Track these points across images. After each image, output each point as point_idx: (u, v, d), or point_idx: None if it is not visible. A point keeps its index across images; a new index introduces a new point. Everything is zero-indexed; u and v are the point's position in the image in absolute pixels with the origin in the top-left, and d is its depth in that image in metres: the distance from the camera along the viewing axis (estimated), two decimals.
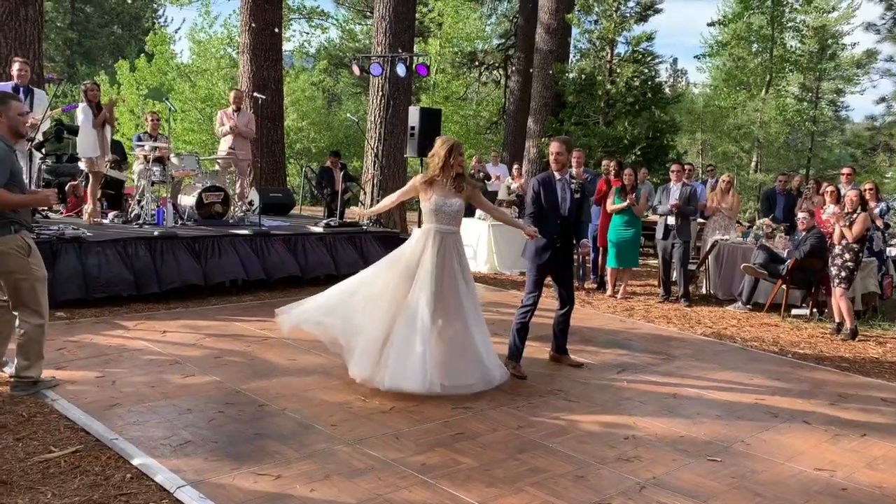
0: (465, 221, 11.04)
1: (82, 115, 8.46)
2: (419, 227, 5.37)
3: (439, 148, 5.07)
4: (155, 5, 39.03)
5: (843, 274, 7.52)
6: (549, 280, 5.76)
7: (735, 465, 4.01)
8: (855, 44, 24.07)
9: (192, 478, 3.45)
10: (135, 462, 3.60)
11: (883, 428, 4.78)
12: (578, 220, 5.71)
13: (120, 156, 11.03)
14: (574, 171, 9.22)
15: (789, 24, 22.04)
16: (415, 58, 11.64)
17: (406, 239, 9.63)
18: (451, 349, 4.94)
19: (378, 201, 11.44)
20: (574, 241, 5.77)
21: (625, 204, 8.88)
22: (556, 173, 5.65)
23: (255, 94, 11.25)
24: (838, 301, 7.58)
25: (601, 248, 9.81)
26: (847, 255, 7.50)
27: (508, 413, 4.65)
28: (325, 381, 5.06)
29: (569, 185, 5.64)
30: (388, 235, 9.79)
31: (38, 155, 8.05)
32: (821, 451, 4.32)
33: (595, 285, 9.83)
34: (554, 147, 5.69)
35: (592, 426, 4.50)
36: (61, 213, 9.48)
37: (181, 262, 7.54)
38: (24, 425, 4.01)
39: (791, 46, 22.71)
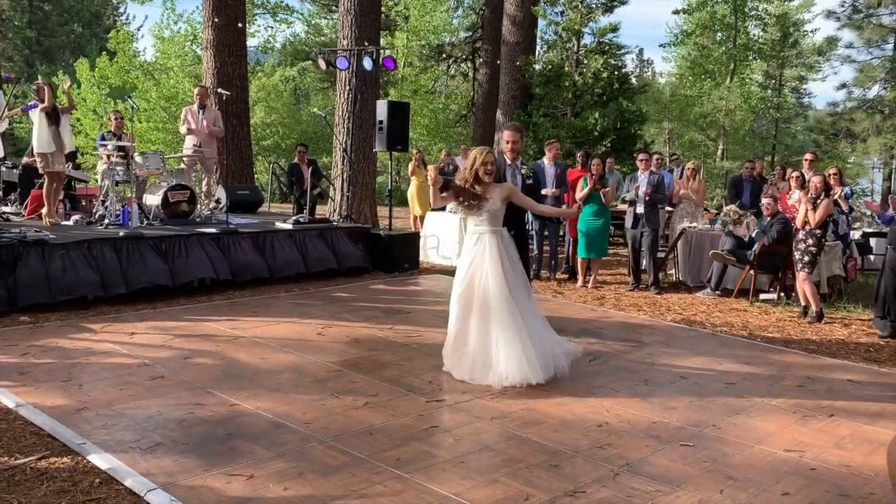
0: (435, 214, 11.08)
1: (32, 112, 8.27)
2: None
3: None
4: (115, 2, 38.29)
5: (806, 258, 7.64)
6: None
7: (707, 449, 4.06)
8: (816, 30, 24.49)
9: (163, 481, 3.39)
10: (103, 466, 3.53)
11: (850, 408, 4.87)
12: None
13: (72, 154, 10.77)
14: (546, 160, 9.29)
15: (752, 13, 22.32)
16: (382, 51, 11.56)
17: (379, 234, 9.66)
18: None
19: (348, 196, 11.44)
20: (526, 228, 5.71)
21: (589, 188, 8.90)
22: (507, 160, 5.65)
23: (219, 90, 11.10)
24: (802, 285, 7.70)
25: (572, 239, 9.89)
26: (810, 241, 7.62)
27: (482, 405, 4.64)
28: (298, 379, 5.01)
29: (519, 171, 5.64)
30: (359, 230, 9.74)
31: None
32: (790, 432, 4.39)
33: (566, 276, 9.87)
34: (508, 135, 5.66)
35: (565, 415, 4.52)
36: (22, 215, 9.27)
37: (148, 263, 7.42)
38: None
39: (754, 35, 23.01)
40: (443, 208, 11.07)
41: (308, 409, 4.43)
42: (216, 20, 12.79)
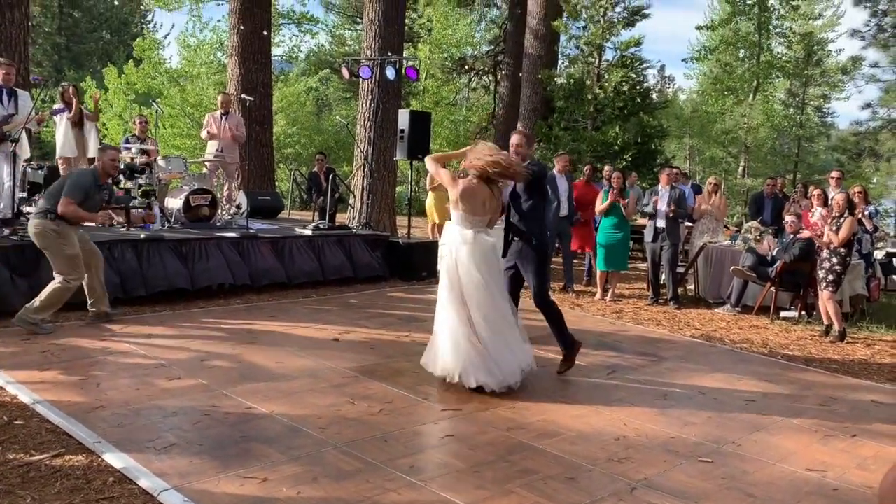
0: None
1: (58, 116, 8.37)
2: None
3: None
4: (143, 9, 38.85)
5: (830, 277, 7.54)
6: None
7: (726, 466, 3.99)
8: (840, 50, 24.30)
9: (177, 482, 3.38)
10: (117, 465, 3.53)
11: (873, 428, 4.78)
12: (531, 197, 5.53)
13: None
14: (557, 172, 9.32)
15: (776, 31, 22.18)
16: (404, 61, 11.60)
17: (398, 242, 9.66)
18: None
19: (367, 205, 11.46)
20: (534, 239, 5.48)
21: (609, 201, 8.88)
22: None
23: (243, 95, 11.18)
24: (826, 304, 7.59)
25: (590, 252, 9.92)
26: (834, 259, 7.52)
27: (498, 415, 4.60)
28: (314, 384, 5.00)
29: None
30: (378, 238, 9.75)
31: (23, 156, 7.94)
32: (811, 451, 4.31)
33: (584, 286, 9.84)
34: (514, 139, 5.56)
35: (583, 427, 4.46)
36: None
37: (168, 266, 7.46)
38: (3, 429, 3.93)
39: (778, 53, 22.85)
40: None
41: (323, 413, 4.42)
42: (242, 27, 12.92)
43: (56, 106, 8.50)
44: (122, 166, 7.65)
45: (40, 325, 5.89)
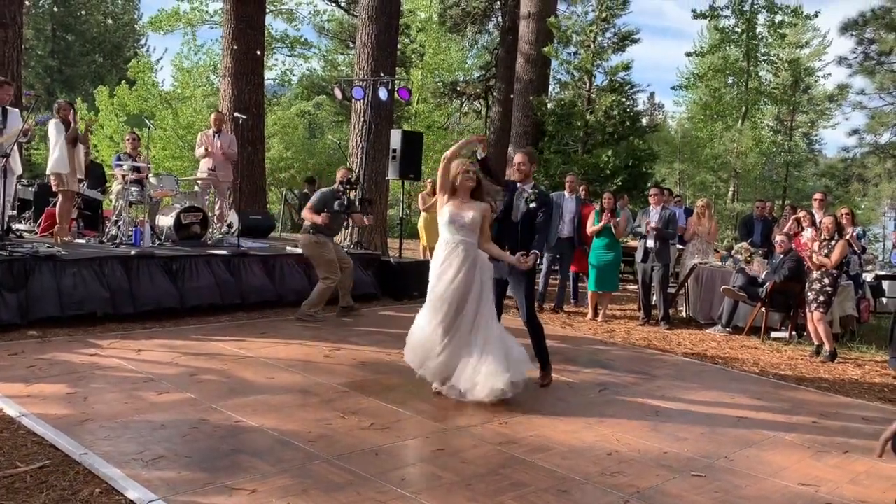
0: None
1: (54, 130, 8.35)
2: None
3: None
4: (136, 34, 39.05)
5: (821, 298, 7.57)
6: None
7: (719, 481, 3.97)
8: (828, 76, 24.59)
9: (165, 493, 3.34)
10: (104, 477, 3.48)
11: (865, 445, 4.75)
12: (532, 230, 5.57)
13: (100, 178, 10.91)
14: (567, 194, 9.44)
15: (764, 58, 22.46)
16: (397, 81, 11.66)
17: (389, 261, 9.66)
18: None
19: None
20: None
21: (602, 223, 8.92)
22: (518, 183, 5.71)
23: (235, 113, 11.21)
24: (817, 324, 7.61)
25: (580, 274, 9.94)
26: (826, 280, 7.55)
27: (490, 429, 4.57)
28: (304, 399, 4.96)
29: (523, 195, 5.65)
30: (370, 257, 9.74)
31: (16, 171, 7.92)
32: (804, 466, 4.30)
33: (575, 307, 9.84)
34: (518, 157, 5.78)
35: (575, 442, 4.44)
36: (35, 233, 9.32)
37: (158, 283, 7.42)
38: None
39: (766, 79, 23.12)
40: None
41: (313, 427, 4.37)
42: (235, 48, 12.98)
43: (42, 116, 8.48)
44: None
45: (315, 316, 7.59)
